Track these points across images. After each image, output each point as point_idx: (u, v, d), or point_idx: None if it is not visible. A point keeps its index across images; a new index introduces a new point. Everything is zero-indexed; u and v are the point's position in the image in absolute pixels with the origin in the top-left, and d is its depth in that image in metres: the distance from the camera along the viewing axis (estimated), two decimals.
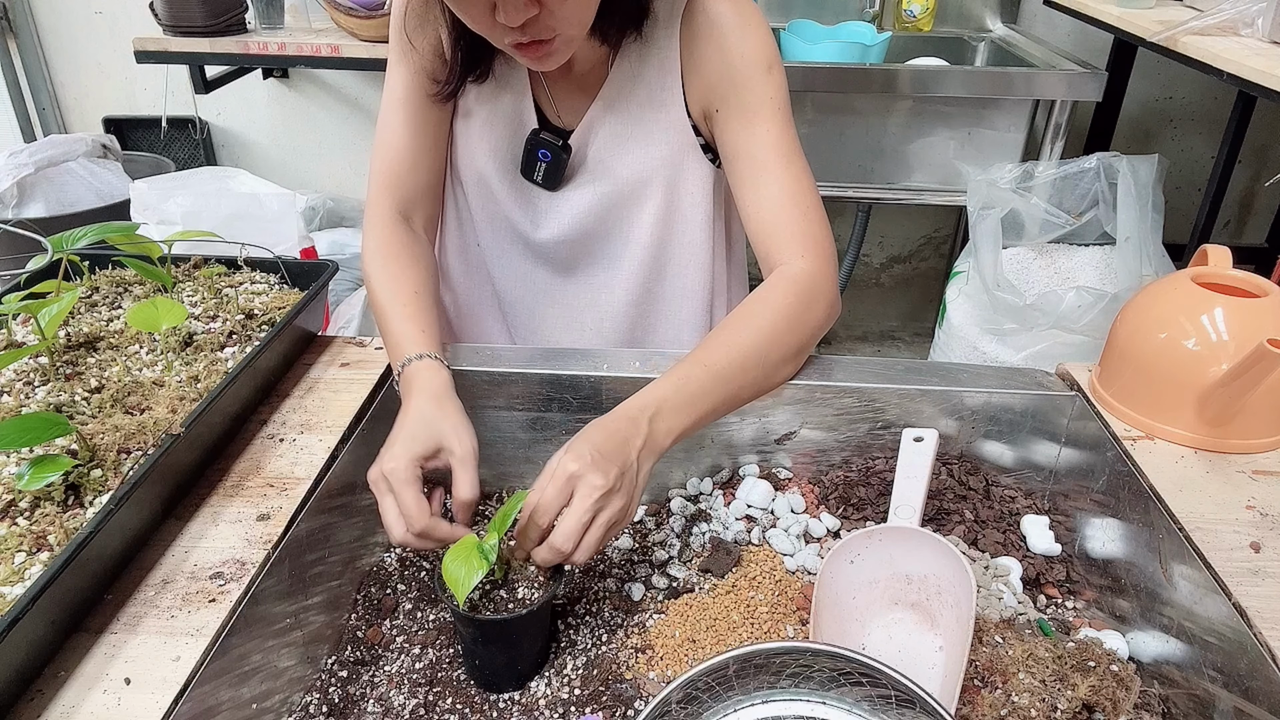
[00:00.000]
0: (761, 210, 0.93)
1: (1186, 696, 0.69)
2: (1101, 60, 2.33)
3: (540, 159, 1.00)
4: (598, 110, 0.98)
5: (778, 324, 0.86)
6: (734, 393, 0.83)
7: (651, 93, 0.97)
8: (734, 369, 0.82)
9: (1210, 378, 0.78)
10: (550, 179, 1.01)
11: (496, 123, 1.02)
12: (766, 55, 0.93)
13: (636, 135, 0.98)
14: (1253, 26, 1.71)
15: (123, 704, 0.56)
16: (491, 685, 0.74)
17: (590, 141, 1.00)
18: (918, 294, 3.02)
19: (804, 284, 0.89)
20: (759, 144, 0.93)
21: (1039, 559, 0.85)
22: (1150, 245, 1.90)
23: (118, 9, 2.68)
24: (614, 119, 0.98)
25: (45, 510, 0.64)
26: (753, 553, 0.86)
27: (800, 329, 0.88)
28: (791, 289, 0.88)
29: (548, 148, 0.99)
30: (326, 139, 2.87)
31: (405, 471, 0.74)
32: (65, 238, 0.86)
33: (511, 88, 1.00)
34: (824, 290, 0.90)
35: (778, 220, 0.93)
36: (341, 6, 2.12)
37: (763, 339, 0.85)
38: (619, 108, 0.98)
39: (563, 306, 1.11)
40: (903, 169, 2.18)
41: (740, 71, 0.93)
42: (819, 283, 0.89)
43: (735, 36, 0.93)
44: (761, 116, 0.93)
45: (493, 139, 1.02)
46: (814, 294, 0.89)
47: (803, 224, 0.92)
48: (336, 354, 0.96)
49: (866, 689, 0.58)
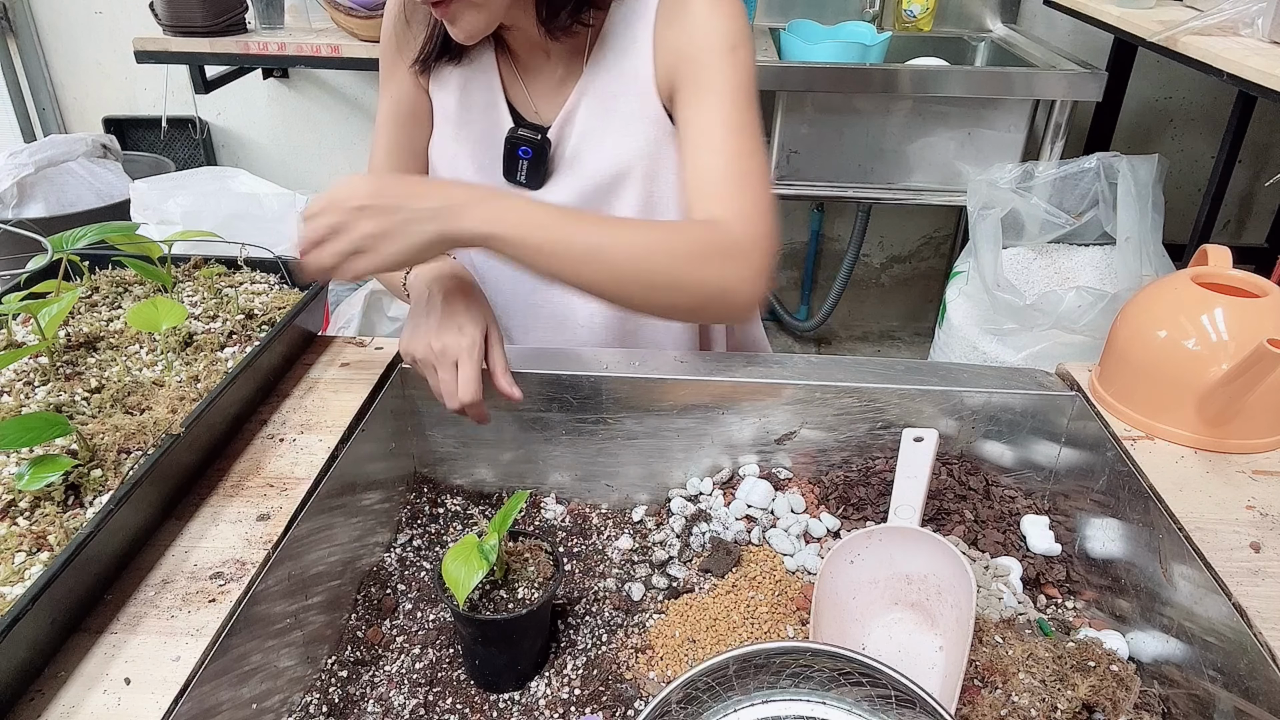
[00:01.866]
0: (699, 181, 0.90)
1: (1186, 696, 0.69)
2: (1101, 60, 2.33)
3: (521, 156, 1.00)
4: (574, 102, 0.98)
5: (654, 247, 0.82)
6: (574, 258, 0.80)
7: (625, 81, 0.96)
8: (592, 241, 0.80)
9: (1210, 378, 0.78)
10: (534, 176, 1.01)
11: (471, 126, 1.02)
12: (731, 36, 0.91)
13: (612, 125, 0.98)
14: (1253, 26, 1.71)
15: (123, 704, 0.56)
16: (491, 685, 0.74)
17: (569, 135, 0.99)
18: (918, 294, 3.02)
19: (713, 236, 0.85)
20: (707, 120, 0.91)
21: (1039, 559, 0.85)
22: (1150, 245, 1.90)
23: (118, 9, 2.68)
24: (590, 110, 0.98)
25: (45, 510, 0.64)
26: (753, 553, 0.86)
27: (682, 268, 0.83)
28: (694, 230, 0.85)
29: (527, 144, 0.99)
30: (326, 139, 2.87)
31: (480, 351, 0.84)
32: (65, 238, 0.86)
33: (484, 87, 1.01)
34: (737, 253, 0.85)
35: (710, 187, 0.89)
36: (341, 6, 2.12)
37: (640, 243, 0.82)
38: (594, 98, 0.97)
39: (554, 305, 1.10)
40: (903, 169, 2.18)
41: (703, 50, 0.91)
42: (735, 248, 0.85)
43: (703, 16, 0.91)
44: (715, 94, 0.90)
45: (469, 144, 1.03)
46: (724, 252, 0.84)
47: (737, 194, 0.88)
48: (336, 354, 0.96)
49: (866, 689, 0.58)
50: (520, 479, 0.97)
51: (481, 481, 0.97)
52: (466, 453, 0.96)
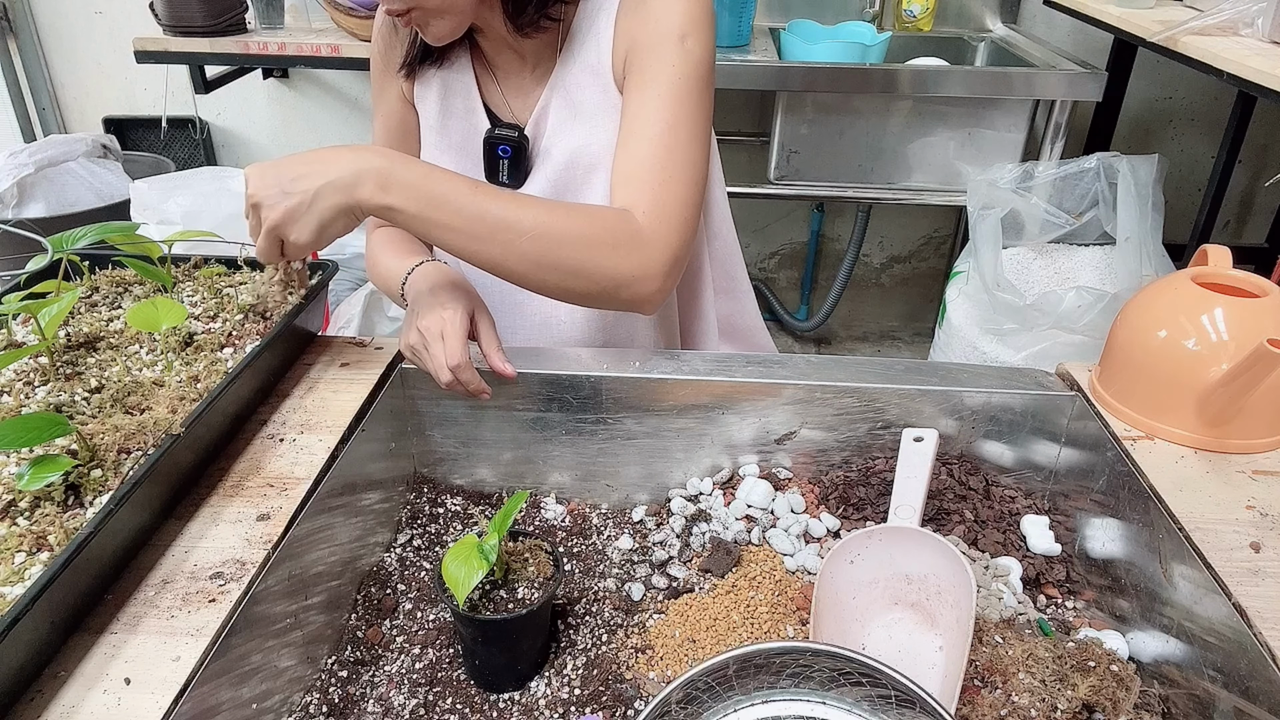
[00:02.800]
0: (623, 168, 0.90)
1: (1186, 696, 0.69)
2: (1101, 60, 2.33)
3: (501, 155, 1.01)
4: (546, 98, 0.98)
5: (567, 227, 0.82)
6: (471, 233, 0.81)
7: (590, 73, 0.96)
8: (492, 216, 0.80)
9: (1210, 378, 0.78)
10: (515, 174, 1.02)
11: (451, 132, 1.03)
12: (683, 25, 0.90)
13: (580, 118, 0.98)
14: (1253, 26, 1.71)
15: (123, 704, 0.56)
16: (491, 685, 0.74)
17: (543, 130, 1.00)
18: (918, 294, 3.02)
19: (619, 224, 0.85)
20: (645, 110, 0.90)
21: (1039, 559, 0.85)
22: (1150, 245, 1.90)
23: (118, 9, 2.68)
24: (559, 104, 0.98)
25: (45, 510, 0.64)
26: (753, 553, 0.86)
27: (588, 253, 0.83)
28: (608, 217, 0.86)
29: (505, 142, 1.00)
30: (326, 139, 2.87)
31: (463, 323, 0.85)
32: (65, 238, 0.86)
33: (461, 92, 1.02)
34: (640, 248, 0.86)
35: (632, 177, 0.89)
36: (341, 6, 2.12)
37: (540, 223, 0.82)
38: (563, 92, 0.98)
39: (538, 300, 1.09)
40: (903, 169, 2.18)
41: (653, 37, 0.90)
42: (640, 238, 0.86)
43: (659, 4, 0.91)
44: (656, 84, 0.90)
45: (450, 149, 1.04)
46: (628, 242, 0.85)
47: (656, 187, 0.88)
48: (336, 354, 0.96)
49: (866, 689, 0.58)
50: (520, 479, 0.97)
51: (481, 481, 0.97)
52: (466, 453, 0.96)
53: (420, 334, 0.87)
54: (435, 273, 0.94)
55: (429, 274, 0.94)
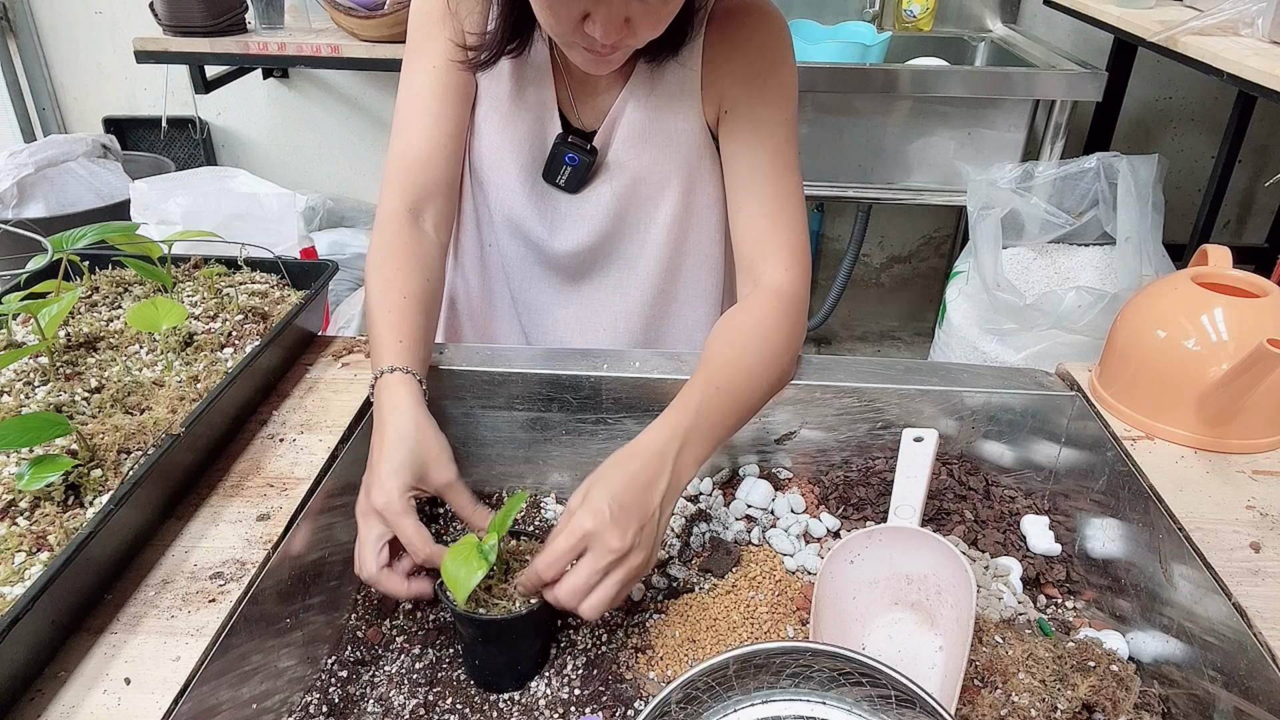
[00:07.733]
0: (754, 219, 0.95)
1: (1186, 696, 0.69)
2: (1101, 60, 2.33)
3: (566, 163, 1.00)
4: (619, 110, 0.98)
5: (776, 342, 0.87)
6: (745, 414, 0.84)
7: (671, 94, 0.97)
8: (744, 389, 0.82)
9: (1210, 378, 0.78)
10: (574, 182, 1.01)
11: (518, 122, 1.00)
12: (784, 71, 0.95)
13: (656, 135, 0.98)
14: (1253, 26, 1.71)
15: (123, 704, 0.56)
16: (491, 685, 0.74)
17: (612, 141, 1.00)
18: (918, 294, 3.02)
19: (789, 299, 0.90)
20: (762, 153, 0.94)
21: (1039, 559, 0.85)
22: (1150, 245, 1.90)
23: (118, 9, 2.68)
24: (634, 119, 0.98)
25: (45, 510, 0.64)
26: (753, 553, 0.86)
27: (792, 343, 0.89)
28: (780, 304, 0.90)
29: (575, 151, 0.99)
30: (326, 139, 2.87)
31: (400, 503, 0.72)
32: (65, 238, 0.86)
33: (536, 84, 0.99)
34: (804, 303, 0.93)
35: (767, 230, 0.94)
36: (341, 6, 2.12)
37: (766, 357, 0.85)
38: (639, 108, 0.97)
39: (577, 308, 1.11)
40: (903, 169, 2.18)
41: (757, 79, 0.94)
42: (801, 296, 0.92)
43: (758, 46, 0.94)
44: (769, 127, 0.94)
45: (514, 140, 1.01)
46: (799, 308, 0.91)
47: (788, 236, 0.93)
48: (336, 354, 0.96)
49: (866, 689, 0.58)
50: (520, 479, 0.97)
51: (481, 481, 0.97)
52: (466, 453, 0.96)
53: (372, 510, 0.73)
54: (392, 398, 0.79)
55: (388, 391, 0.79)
